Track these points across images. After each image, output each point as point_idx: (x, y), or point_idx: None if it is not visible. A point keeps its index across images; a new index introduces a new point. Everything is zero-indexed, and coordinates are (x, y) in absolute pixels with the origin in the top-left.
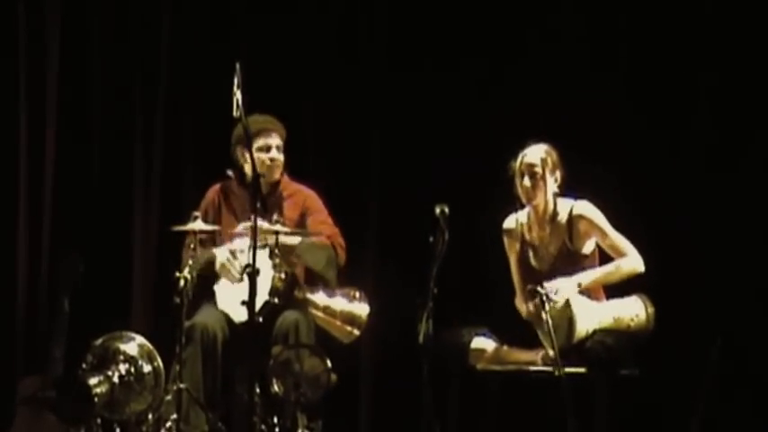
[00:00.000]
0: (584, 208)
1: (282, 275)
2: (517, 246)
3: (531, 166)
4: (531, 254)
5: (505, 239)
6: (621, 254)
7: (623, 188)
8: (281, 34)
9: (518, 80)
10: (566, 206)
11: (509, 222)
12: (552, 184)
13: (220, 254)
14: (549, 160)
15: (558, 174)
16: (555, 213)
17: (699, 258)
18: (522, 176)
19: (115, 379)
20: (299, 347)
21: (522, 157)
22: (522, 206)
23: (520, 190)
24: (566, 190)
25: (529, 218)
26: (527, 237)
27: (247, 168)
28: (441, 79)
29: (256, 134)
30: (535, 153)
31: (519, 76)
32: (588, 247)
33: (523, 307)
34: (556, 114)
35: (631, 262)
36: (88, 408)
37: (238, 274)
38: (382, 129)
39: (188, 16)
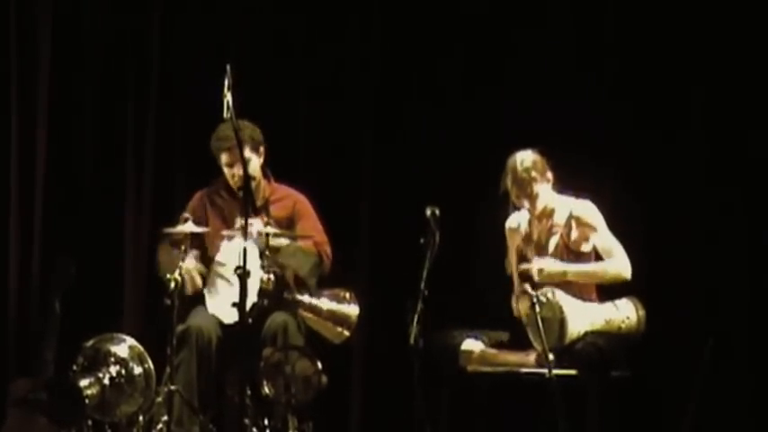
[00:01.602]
0: (585, 207)
1: (271, 277)
2: (519, 244)
3: (521, 182)
4: (529, 248)
5: (508, 238)
6: (610, 257)
7: (615, 191)
8: (272, 35)
9: (508, 79)
10: (566, 204)
11: (512, 222)
12: (545, 188)
13: (188, 261)
14: (535, 171)
15: (548, 175)
16: (553, 210)
17: (690, 260)
18: (517, 196)
19: (106, 381)
20: (289, 349)
21: (511, 175)
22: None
23: (519, 205)
24: (563, 187)
25: (530, 215)
26: (528, 233)
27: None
28: (432, 79)
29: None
30: (521, 166)
31: (509, 76)
32: (586, 245)
33: (520, 306)
34: (547, 112)
35: (618, 266)
36: (79, 409)
37: (191, 290)
38: (374, 129)
39: (179, 16)
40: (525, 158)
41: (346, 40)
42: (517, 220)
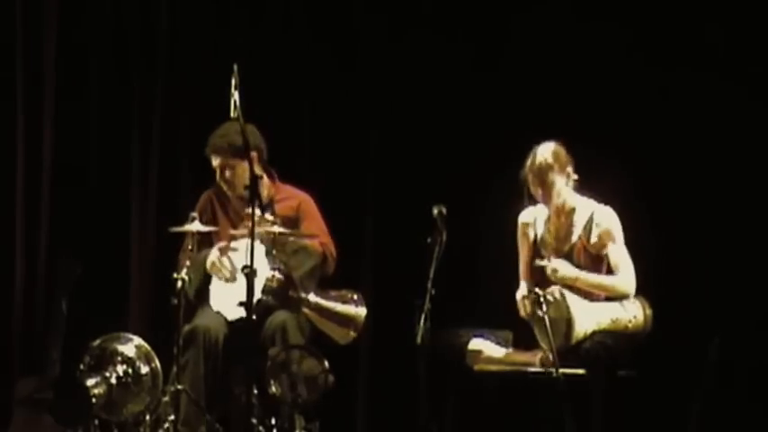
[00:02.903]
0: (606, 214)
1: (277, 275)
2: (530, 240)
3: (539, 169)
4: (544, 246)
5: (520, 233)
6: (618, 271)
7: (623, 191)
8: (278, 36)
9: (514, 78)
10: (587, 207)
11: (526, 217)
12: (563, 181)
13: (211, 253)
14: (554, 160)
15: (568, 169)
16: (573, 210)
17: (696, 259)
18: (533, 183)
19: (113, 380)
20: (296, 348)
21: (530, 161)
22: (537, 202)
23: (535, 195)
24: (581, 189)
25: (547, 210)
26: (543, 230)
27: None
28: (437, 78)
29: None
30: (542, 157)
31: (514, 75)
32: (603, 250)
33: (522, 305)
34: (553, 110)
35: (625, 285)
36: (85, 409)
37: (228, 273)
38: (379, 128)
39: (186, 16)
40: (547, 147)
41: (349, 39)
42: (533, 215)
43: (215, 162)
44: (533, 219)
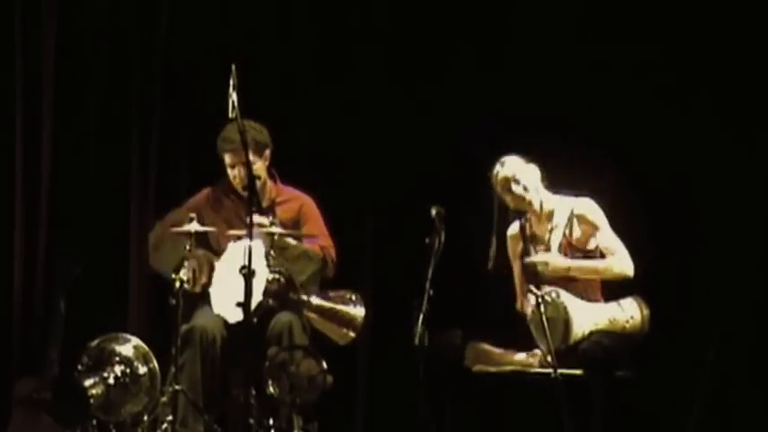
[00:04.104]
0: (585, 206)
1: (277, 276)
2: (520, 246)
3: (506, 180)
4: (534, 249)
5: (510, 244)
6: (612, 255)
7: (617, 187)
8: (277, 37)
9: (512, 78)
10: (566, 203)
11: (514, 228)
12: (534, 187)
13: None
14: (517, 171)
15: (534, 173)
16: (552, 212)
17: (694, 259)
18: (506, 192)
19: (111, 380)
20: (294, 349)
21: (495, 178)
22: (522, 215)
23: (512, 205)
24: (565, 187)
25: (530, 218)
26: (530, 234)
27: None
28: (436, 78)
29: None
30: (503, 170)
31: (512, 75)
32: (591, 243)
33: (528, 310)
34: (547, 108)
35: (621, 265)
36: (83, 409)
37: (200, 283)
38: (378, 127)
39: (185, 17)
40: (503, 160)
41: (350, 41)
42: (518, 226)
43: (228, 158)
44: (518, 228)
